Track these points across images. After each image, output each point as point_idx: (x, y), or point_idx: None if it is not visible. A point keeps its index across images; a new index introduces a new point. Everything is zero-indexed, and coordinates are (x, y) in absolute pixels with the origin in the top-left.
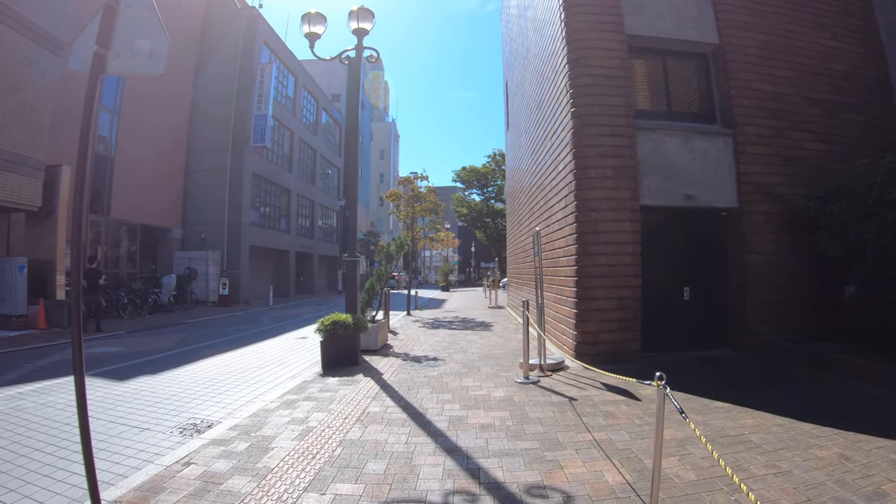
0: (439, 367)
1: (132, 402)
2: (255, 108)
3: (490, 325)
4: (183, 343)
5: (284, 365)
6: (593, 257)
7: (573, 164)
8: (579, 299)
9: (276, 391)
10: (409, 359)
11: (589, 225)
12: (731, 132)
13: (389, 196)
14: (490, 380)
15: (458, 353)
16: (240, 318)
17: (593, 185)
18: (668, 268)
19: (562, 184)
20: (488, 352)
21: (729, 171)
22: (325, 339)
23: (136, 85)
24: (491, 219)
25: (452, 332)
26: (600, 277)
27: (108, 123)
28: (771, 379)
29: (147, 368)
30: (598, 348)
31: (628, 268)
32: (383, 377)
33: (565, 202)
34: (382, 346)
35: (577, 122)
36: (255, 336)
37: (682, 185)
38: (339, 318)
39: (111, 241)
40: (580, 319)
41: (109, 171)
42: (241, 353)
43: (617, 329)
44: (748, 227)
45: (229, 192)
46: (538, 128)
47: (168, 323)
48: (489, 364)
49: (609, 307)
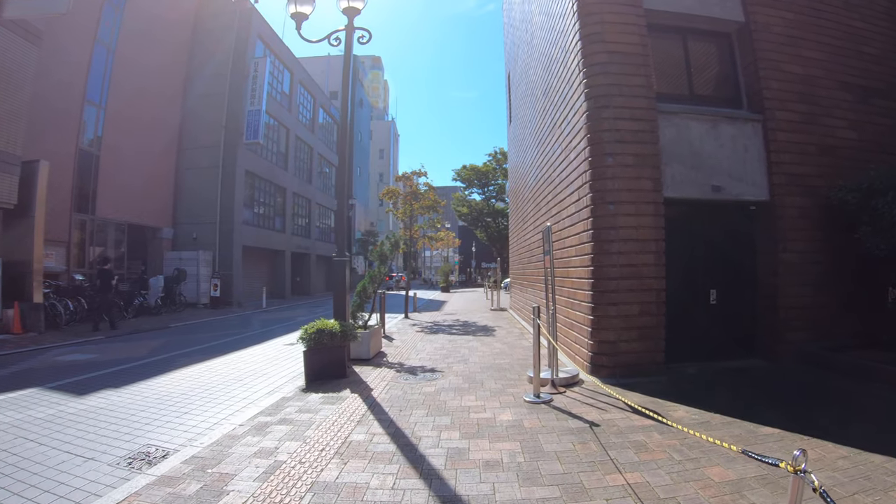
0: (437, 380)
1: (85, 423)
2: (248, 104)
3: (493, 329)
4: (161, 350)
5: (265, 377)
6: (611, 256)
7: (588, 151)
8: (595, 304)
9: (248, 411)
10: (404, 370)
11: (607, 220)
12: (759, 117)
13: (386, 193)
14: (495, 397)
15: (458, 363)
16: (228, 322)
17: (611, 175)
18: (692, 268)
19: (574, 174)
20: (492, 361)
21: (759, 160)
22: (308, 348)
23: (124, 79)
24: (492, 218)
25: (452, 338)
26: (619, 279)
27: (93, 118)
28: (816, 396)
29: (114, 381)
30: (617, 360)
31: (651, 268)
32: (373, 393)
33: (578, 195)
34: (376, 354)
35: (592, 105)
36: (240, 342)
37: (709, 175)
38: (324, 326)
39: (97, 240)
40: (596, 327)
41: (95, 167)
42: (220, 363)
43: (638, 338)
44: (781, 222)
45: (221, 191)
46: (544, 117)
47: (152, 327)
48: (493, 377)
49: (629, 313)
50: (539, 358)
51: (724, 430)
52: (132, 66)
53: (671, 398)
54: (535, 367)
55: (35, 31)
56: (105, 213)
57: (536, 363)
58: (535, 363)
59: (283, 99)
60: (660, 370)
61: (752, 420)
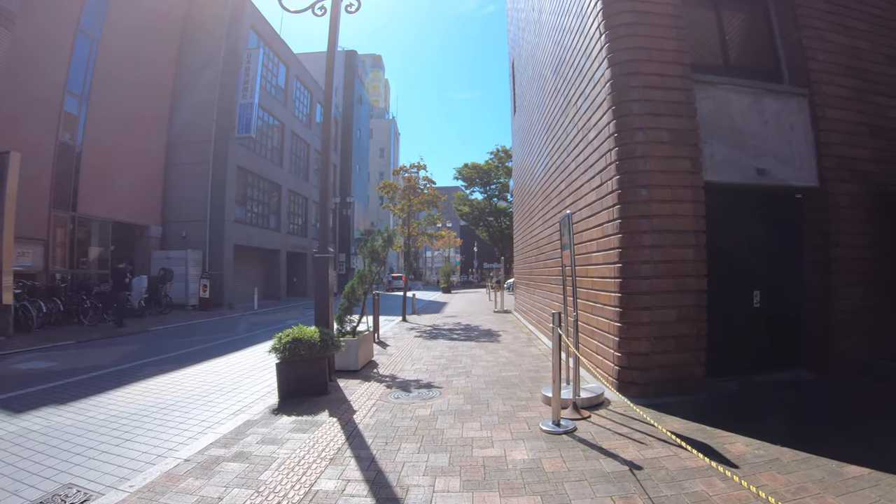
0: (434, 399)
1: (7, 451)
2: (240, 96)
3: (497, 334)
4: (131, 357)
5: (235, 392)
6: (643, 250)
7: (613, 126)
8: (624, 308)
9: (202, 439)
10: (396, 385)
11: (637, 207)
12: (805, 91)
13: (383, 188)
14: (504, 424)
15: (459, 377)
16: (213, 325)
17: (642, 153)
18: (733, 266)
19: (594, 156)
20: (498, 373)
21: (806, 140)
22: (282, 360)
23: (109, 70)
24: (494, 217)
25: (453, 345)
26: (653, 278)
27: (75, 110)
28: (891, 417)
29: (63, 395)
30: (650, 375)
31: (690, 265)
32: (355, 417)
33: (600, 179)
34: (365, 364)
35: (617, 72)
36: (220, 348)
37: (752, 156)
38: (302, 335)
39: (80, 238)
40: (625, 336)
41: (76, 162)
42: (189, 374)
43: (675, 349)
44: (832, 212)
45: (212, 187)
46: (555, 97)
47: (132, 330)
48: (501, 395)
49: (665, 319)
50: (559, 378)
51: (801, 471)
52: (118, 56)
53: (720, 424)
54: (554, 387)
55: (8, 14)
56: (87, 209)
57: (557, 383)
58: (554, 383)
59: (278, 93)
60: (698, 387)
61: (830, 455)
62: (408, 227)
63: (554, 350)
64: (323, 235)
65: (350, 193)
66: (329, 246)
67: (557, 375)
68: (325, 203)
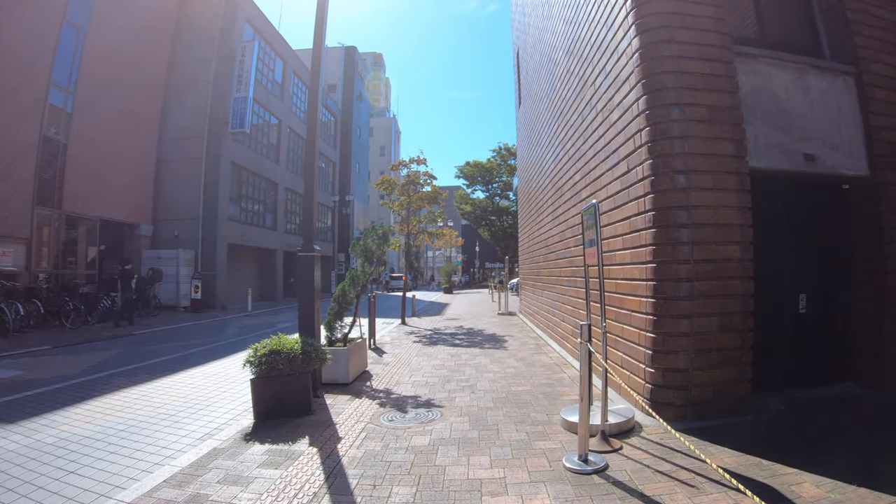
0: (433, 423)
1: None
2: (234, 91)
3: (503, 339)
4: (104, 365)
5: (209, 409)
6: (681, 248)
7: (644, 102)
8: (658, 316)
9: (156, 474)
10: (391, 403)
11: (674, 196)
12: (851, 70)
13: (381, 184)
14: (519, 459)
15: (462, 392)
16: (201, 329)
17: (678, 133)
18: (777, 266)
19: (619, 139)
20: (507, 388)
21: (854, 123)
22: (258, 376)
23: (98, 63)
24: (496, 216)
25: (455, 352)
26: (693, 281)
27: (60, 104)
28: None
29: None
30: (689, 395)
31: (735, 265)
32: (339, 448)
33: (627, 165)
34: (358, 376)
35: (647, 40)
36: (202, 355)
37: (798, 139)
38: (281, 346)
39: (64, 237)
40: (661, 349)
41: (61, 157)
42: (162, 386)
43: (718, 364)
44: (885, 204)
45: (205, 184)
46: (568, 79)
47: (114, 334)
48: (512, 416)
49: (706, 328)
50: (588, 400)
51: None
52: (106, 49)
53: (778, 456)
54: (582, 415)
55: None
56: (73, 207)
57: (585, 411)
58: (583, 411)
59: (274, 88)
60: (743, 407)
61: None
62: (407, 225)
63: (582, 370)
64: (307, 231)
65: (349, 192)
66: (314, 243)
67: (587, 402)
68: (309, 193)
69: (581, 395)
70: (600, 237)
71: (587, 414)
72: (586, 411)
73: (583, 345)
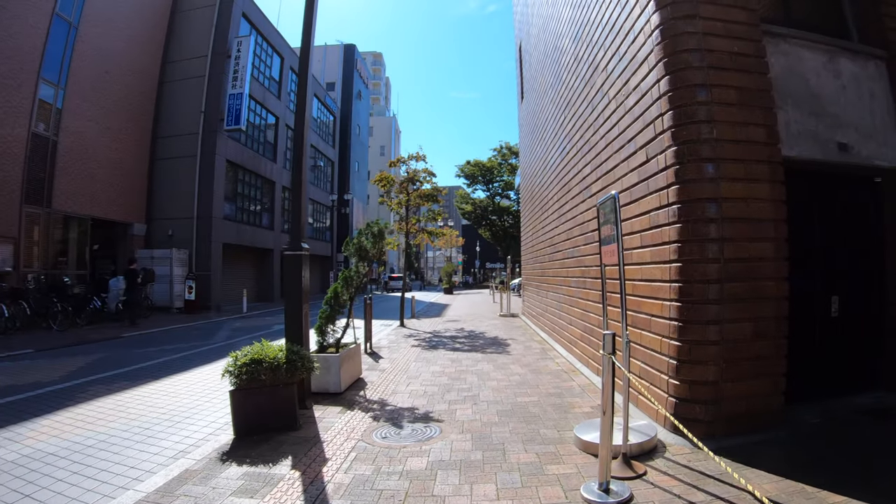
0: (432, 441)
1: None
2: (229, 87)
3: (505, 343)
4: (84, 371)
5: (187, 422)
6: (710, 246)
7: (666, 84)
8: (685, 322)
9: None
10: (385, 416)
11: (702, 187)
12: (882, 54)
13: (379, 181)
14: (530, 488)
15: (464, 403)
16: (192, 331)
17: (706, 117)
18: (808, 266)
19: (637, 126)
20: (512, 398)
21: (888, 111)
22: (237, 388)
23: (90, 58)
24: (497, 216)
25: (456, 357)
26: (723, 282)
27: (50, 100)
28: None
29: None
30: (718, 410)
31: (769, 264)
32: (325, 472)
33: (646, 154)
34: (351, 384)
35: (668, 15)
36: (189, 360)
37: (832, 127)
38: (263, 354)
39: (54, 236)
40: (687, 358)
41: (51, 154)
42: (141, 395)
43: (750, 374)
44: None
45: (199, 182)
46: (577, 67)
47: (102, 337)
48: (520, 433)
49: (738, 335)
50: (611, 420)
51: None
52: (98, 43)
53: (820, 479)
54: (604, 439)
55: None
56: (64, 205)
57: (607, 435)
58: (604, 431)
59: (271, 85)
60: (776, 421)
61: None
62: (406, 224)
63: (605, 387)
64: (294, 229)
65: (348, 191)
66: (303, 241)
67: (609, 423)
68: (297, 187)
69: (603, 409)
70: (621, 233)
71: (610, 436)
72: (608, 433)
73: (605, 357)
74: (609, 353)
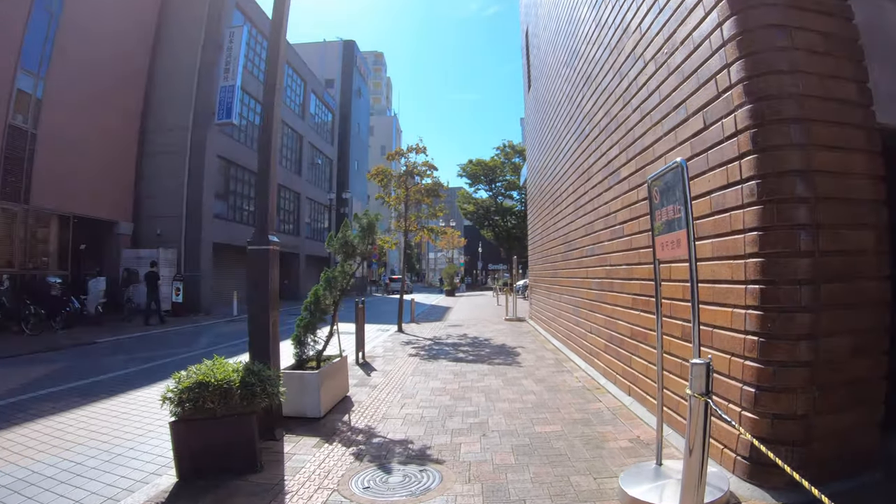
0: (429, 496)
1: None
2: (221, 79)
3: (514, 352)
4: (36, 384)
5: (128, 457)
6: (799, 234)
7: (734, 24)
8: (768, 337)
9: None
10: (370, 454)
11: (788, 156)
12: None
13: (375, 175)
14: None
15: (470, 435)
16: (173, 337)
17: (789, 66)
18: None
19: (689, 85)
20: (530, 426)
21: None
22: (179, 419)
23: (73, 46)
24: (500, 216)
25: (459, 369)
26: (819, 283)
27: (29, 90)
28: None
29: None
30: (809, 452)
31: (868, 259)
32: None
33: (703, 118)
34: (335, 405)
35: None
36: (154, 373)
37: None
38: (210, 376)
39: (33, 236)
40: (769, 386)
41: (29, 147)
42: (88, 416)
43: (846, 403)
44: None
45: (189, 178)
46: (599, 32)
47: (74, 342)
48: (544, 480)
49: (836, 353)
50: (701, 479)
51: None
52: (83, 31)
53: None
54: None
55: None
56: (43, 201)
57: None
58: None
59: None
60: (871, 459)
61: None
62: (405, 221)
63: (693, 454)
64: (260, 219)
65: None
66: (270, 233)
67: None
68: (265, 169)
69: (685, 484)
70: (691, 212)
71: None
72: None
73: (696, 400)
74: (701, 393)
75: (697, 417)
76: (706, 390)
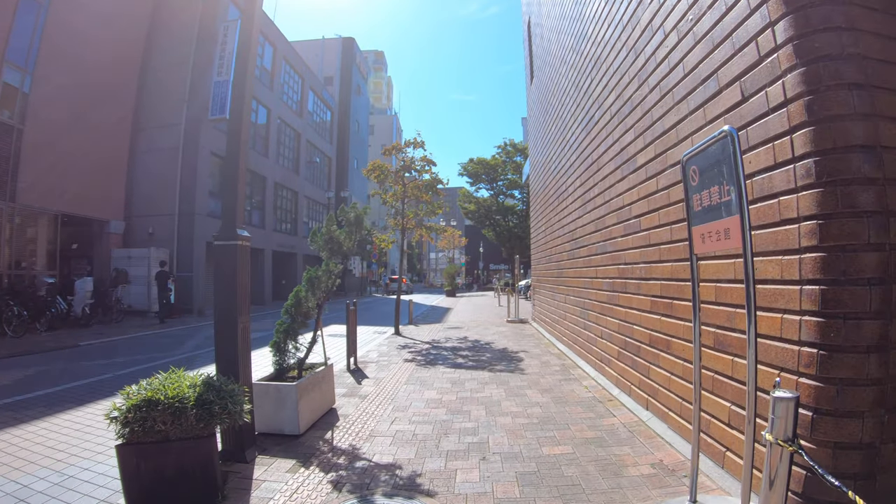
0: None
1: None
2: (214, 74)
3: (517, 357)
4: (5, 390)
5: (77, 482)
6: (865, 223)
7: None
8: (830, 349)
9: None
10: (351, 483)
11: (851, 128)
12: None
13: (371, 170)
14: None
15: (467, 459)
16: (160, 339)
17: (846, 21)
18: None
19: (721, 53)
20: (536, 448)
21: None
22: (127, 442)
23: (62, 40)
24: (501, 216)
25: (458, 377)
26: (892, 283)
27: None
28: None
29: None
30: (873, 487)
31: None
32: None
33: (742, 89)
34: (318, 419)
35: None
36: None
37: None
38: (159, 394)
39: (19, 234)
40: (829, 408)
41: (16, 143)
42: (47, 428)
43: None
44: None
45: (181, 176)
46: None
47: (57, 345)
48: None
49: None
50: None
51: None
52: (72, 25)
53: None
54: None
55: None
56: (30, 199)
57: None
58: None
59: (263, 75)
60: None
61: None
62: (402, 219)
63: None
64: (227, 212)
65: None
66: (239, 227)
67: None
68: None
69: None
70: (745, 194)
71: None
72: None
73: (775, 447)
74: (787, 440)
75: (779, 469)
76: (794, 435)
